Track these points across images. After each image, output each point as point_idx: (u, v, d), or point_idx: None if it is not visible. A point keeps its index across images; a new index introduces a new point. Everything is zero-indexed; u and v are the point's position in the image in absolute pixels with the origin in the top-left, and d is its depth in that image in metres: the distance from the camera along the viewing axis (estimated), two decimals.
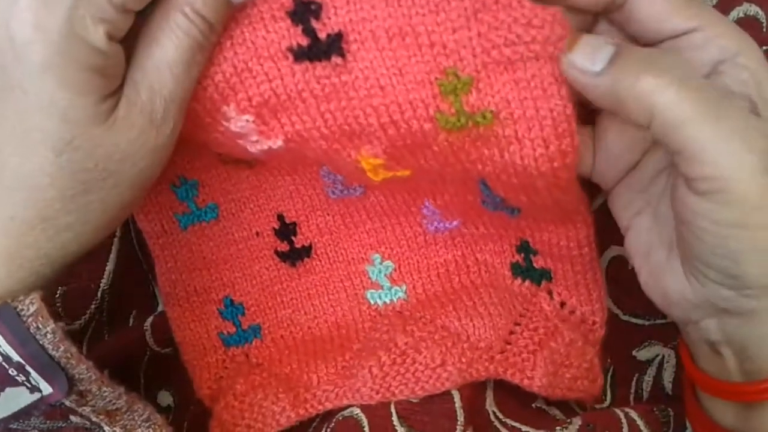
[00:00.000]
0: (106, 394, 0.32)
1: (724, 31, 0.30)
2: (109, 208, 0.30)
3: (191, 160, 0.39)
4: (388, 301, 0.42)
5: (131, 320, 0.46)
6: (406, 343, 0.38)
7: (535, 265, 0.40)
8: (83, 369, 0.31)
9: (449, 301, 0.41)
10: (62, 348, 0.30)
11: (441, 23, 0.29)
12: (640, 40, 0.32)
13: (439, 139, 0.31)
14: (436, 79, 0.30)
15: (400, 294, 0.42)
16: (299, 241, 0.42)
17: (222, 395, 0.40)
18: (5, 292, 0.30)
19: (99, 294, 0.43)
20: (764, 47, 0.41)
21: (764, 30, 0.41)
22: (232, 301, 0.42)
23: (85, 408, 0.31)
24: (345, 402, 0.39)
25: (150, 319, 0.44)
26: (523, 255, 0.40)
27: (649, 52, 0.29)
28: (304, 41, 0.30)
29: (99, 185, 0.29)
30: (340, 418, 0.38)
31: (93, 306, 0.43)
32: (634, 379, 0.44)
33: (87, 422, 0.32)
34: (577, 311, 0.40)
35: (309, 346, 0.42)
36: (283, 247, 0.42)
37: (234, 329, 0.42)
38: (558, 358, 0.38)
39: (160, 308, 0.46)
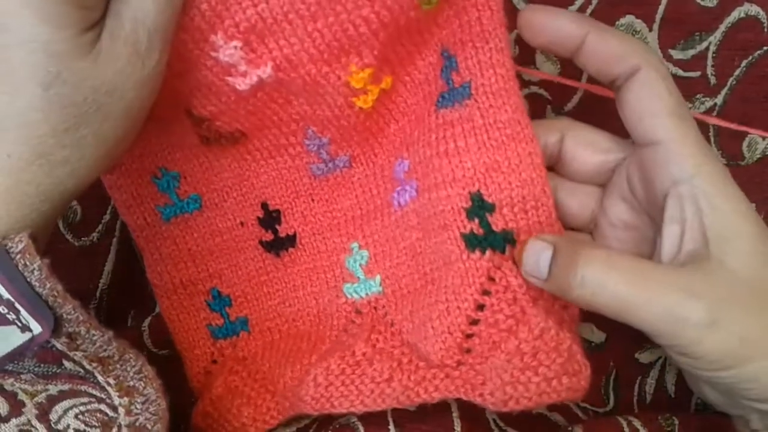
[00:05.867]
0: (95, 338, 0.32)
1: (690, 150, 0.32)
2: (102, 142, 0.31)
3: (172, 151, 0.39)
4: (363, 296, 0.41)
5: (129, 320, 0.46)
6: (363, 354, 0.37)
7: (494, 227, 0.35)
8: (70, 309, 0.31)
9: (414, 307, 0.38)
10: (48, 285, 0.30)
11: None
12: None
13: (420, 14, 0.32)
14: None
15: (375, 288, 0.40)
16: (283, 230, 0.41)
17: (202, 397, 0.40)
18: (6, 230, 0.30)
19: (97, 294, 0.44)
20: (765, 47, 0.41)
21: (765, 30, 0.41)
22: (219, 292, 0.42)
23: (76, 353, 0.32)
24: (293, 413, 0.38)
25: (147, 320, 0.44)
26: (477, 220, 0.35)
27: (573, 248, 0.32)
28: None
29: (90, 119, 0.30)
30: (337, 426, 0.37)
31: (91, 306, 0.44)
32: (637, 382, 0.43)
33: (81, 370, 0.32)
34: None
35: (289, 342, 0.42)
36: (268, 236, 0.42)
37: (222, 321, 0.42)
38: (518, 362, 0.33)
39: (158, 309, 0.45)
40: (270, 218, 0.41)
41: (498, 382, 0.33)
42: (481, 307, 0.35)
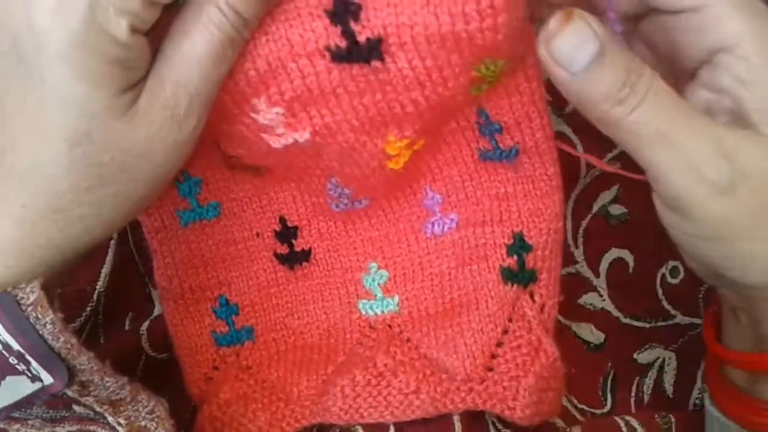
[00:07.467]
0: (108, 384, 0.31)
1: (731, 13, 0.28)
2: (122, 203, 0.29)
3: (196, 157, 0.37)
4: (379, 313, 0.41)
5: (127, 323, 0.45)
6: (385, 365, 0.38)
7: (526, 266, 0.38)
8: (84, 360, 0.30)
9: (436, 326, 0.40)
10: (62, 339, 0.29)
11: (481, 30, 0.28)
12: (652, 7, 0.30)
13: (468, 98, 0.33)
14: (474, 66, 0.30)
15: (392, 306, 0.41)
16: (299, 245, 0.41)
17: (207, 401, 0.40)
18: (14, 281, 0.29)
19: (95, 296, 0.42)
20: None
21: None
22: (227, 300, 0.41)
23: (87, 398, 0.31)
24: (316, 420, 0.38)
25: (146, 324, 0.43)
26: (516, 257, 0.38)
27: (628, 58, 0.27)
28: (343, 43, 0.29)
29: (114, 179, 0.28)
30: (338, 430, 0.38)
31: (89, 308, 0.42)
32: (635, 382, 0.44)
33: (90, 412, 0.31)
34: (552, 313, 0.39)
35: (298, 354, 0.41)
36: (283, 249, 0.41)
37: (227, 329, 0.41)
38: (541, 383, 0.37)
39: (156, 312, 0.45)
40: (287, 232, 0.41)
41: (528, 401, 0.37)
42: (505, 332, 0.38)
